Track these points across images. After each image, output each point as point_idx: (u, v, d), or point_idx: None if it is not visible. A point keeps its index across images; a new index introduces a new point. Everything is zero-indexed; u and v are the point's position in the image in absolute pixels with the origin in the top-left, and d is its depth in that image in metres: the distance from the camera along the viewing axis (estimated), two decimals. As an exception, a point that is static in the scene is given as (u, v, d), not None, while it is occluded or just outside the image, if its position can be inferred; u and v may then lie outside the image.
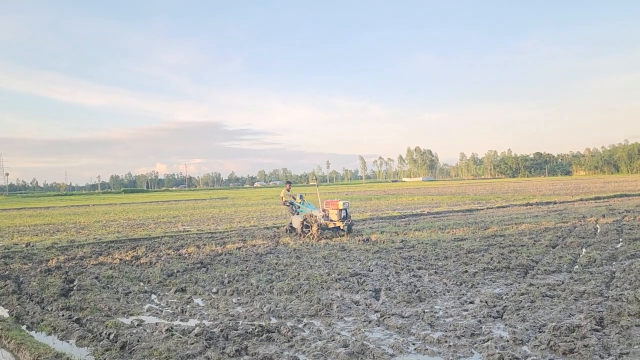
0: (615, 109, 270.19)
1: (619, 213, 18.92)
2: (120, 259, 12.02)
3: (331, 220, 14.78)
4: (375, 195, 49.52)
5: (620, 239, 12.27)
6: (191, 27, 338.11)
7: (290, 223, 16.23)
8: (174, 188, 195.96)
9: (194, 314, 7.02)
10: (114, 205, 48.28)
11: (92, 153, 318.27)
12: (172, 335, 5.88)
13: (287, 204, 16.73)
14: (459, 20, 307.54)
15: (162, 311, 7.28)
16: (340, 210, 14.75)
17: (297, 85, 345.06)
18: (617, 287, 7.47)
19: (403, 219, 20.72)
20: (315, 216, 14.83)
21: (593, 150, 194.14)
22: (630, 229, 14.00)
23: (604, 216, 17.98)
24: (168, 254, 12.57)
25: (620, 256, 9.92)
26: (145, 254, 12.73)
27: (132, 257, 12.18)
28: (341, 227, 14.78)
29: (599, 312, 6.12)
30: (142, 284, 9.41)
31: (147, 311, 7.37)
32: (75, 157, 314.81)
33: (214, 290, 8.53)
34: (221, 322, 6.33)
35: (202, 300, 7.95)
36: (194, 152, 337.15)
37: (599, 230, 14.12)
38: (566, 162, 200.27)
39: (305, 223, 15.04)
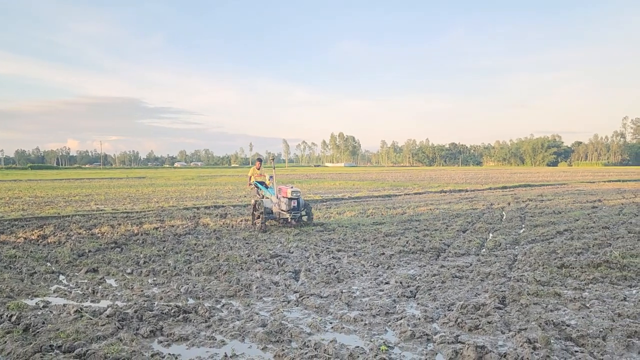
0: (524, 106, 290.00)
1: (523, 201, 20.32)
2: (25, 238, 11.26)
3: (282, 210, 12.79)
4: (298, 179, 49.76)
5: (523, 225, 13.19)
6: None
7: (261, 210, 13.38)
8: (87, 165, 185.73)
9: (106, 295, 6.73)
10: (19, 182, 44.87)
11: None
12: (82, 316, 5.61)
13: (255, 185, 14.30)
14: (386, 8, 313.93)
15: (71, 292, 6.92)
16: (290, 199, 12.59)
17: (222, 65, 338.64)
18: (518, 269, 8.05)
19: (324, 203, 21.00)
20: (262, 202, 13.02)
21: (502, 143, 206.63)
22: (531, 216, 15.09)
23: (509, 204, 19.24)
24: (79, 234, 11.94)
25: (522, 241, 10.67)
26: (54, 233, 12.01)
27: (38, 236, 11.46)
28: (289, 219, 12.77)
29: (502, 291, 6.57)
30: (49, 264, 8.89)
31: (54, 292, 6.96)
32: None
33: (129, 270, 8.22)
34: (135, 303, 6.12)
35: (116, 281, 7.64)
36: (110, 129, 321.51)
37: (504, 217, 15.11)
38: (478, 153, 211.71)
39: (255, 210, 13.16)
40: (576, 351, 4.55)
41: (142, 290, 6.91)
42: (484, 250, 9.85)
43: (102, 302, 6.45)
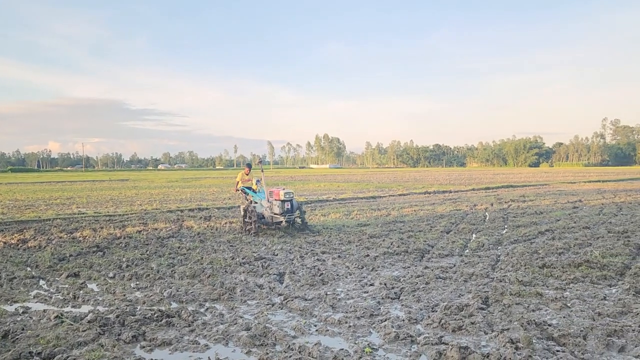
0: (506, 107, 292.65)
1: (505, 202, 20.54)
2: (5, 243, 11.07)
3: (274, 214, 12.20)
4: (282, 181, 49.65)
5: (506, 226, 13.33)
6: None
7: (246, 215, 12.68)
8: (69, 168, 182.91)
9: (88, 300, 6.64)
10: (-2, 185, 44.14)
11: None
12: (62, 322, 5.53)
13: (242, 190, 13.79)
14: (371, 9, 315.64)
15: (51, 297, 6.81)
16: (283, 201, 12.01)
17: (206, 66, 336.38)
18: (501, 269, 8.13)
19: (309, 205, 20.97)
20: (255, 207, 12.50)
21: (485, 144, 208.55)
22: (514, 216, 15.25)
23: (492, 205, 19.42)
24: (60, 237, 11.77)
25: (505, 241, 10.78)
26: (34, 237, 11.82)
27: (18, 240, 11.27)
28: (283, 223, 12.08)
29: (485, 292, 6.63)
30: (29, 268, 8.73)
31: (34, 298, 6.84)
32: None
33: (111, 275, 8.12)
34: (117, 308, 6.05)
35: (97, 285, 7.54)
36: (93, 131, 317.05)
37: (487, 218, 15.24)
38: (461, 154, 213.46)
39: (246, 215, 12.59)
40: (558, 350, 4.61)
41: (124, 295, 6.83)
42: (467, 251, 9.93)
43: (83, 307, 6.35)
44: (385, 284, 7.13)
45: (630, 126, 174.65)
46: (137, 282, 7.67)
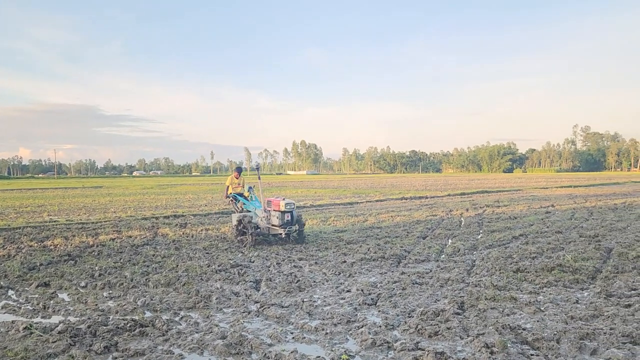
0: (480, 113, 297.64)
1: (480, 207, 20.81)
2: (-29, 252, 10.72)
3: (272, 225, 11.42)
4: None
5: (481, 231, 13.49)
6: (64, 1, 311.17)
7: (236, 224, 11.78)
8: (40, 175, 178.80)
9: (58, 310, 6.47)
10: (-35, 192, 42.88)
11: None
12: (32, 333, 5.37)
13: (233, 197, 13.18)
14: (349, 17, 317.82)
15: (20, 308, 6.61)
16: (283, 212, 11.21)
17: (182, 72, 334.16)
18: (476, 274, 8.21)
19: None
20: (250, 217, 11.77)
21: (460, 150, 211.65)
22: (489, 222, 15.46)
23: (467, 210, 19.65)
24: (30, 246, 11.46)
25: (480, 246, 10.91)
26: (3, 246, 11.50)
27: (-15, 250, 10.93)
28: (282, 235, 11.31)
29: (460, 297, 6.68)
30: (-3, 279, 8.48)
31: (2, 308, 6.64)
32: None
33: (83, 284, 7.93)
34: (89, 318, 5.91)
35: (68, 295, 7.36)
36: (65, 137, 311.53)
37: (463, 223, 15.41)
38: (437, 160, 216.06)
39: (240, 226, 11.60)
40: (532, 354, 4.66)
41: (96, 305, 6.68)
42: (443, 256, 10.01)
43: (53, 318, 6.19)
44: (362, 290, 7.13)
45: (600, 133, 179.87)
46: (110, 291, 7.51)
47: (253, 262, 9.56)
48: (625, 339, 4.98)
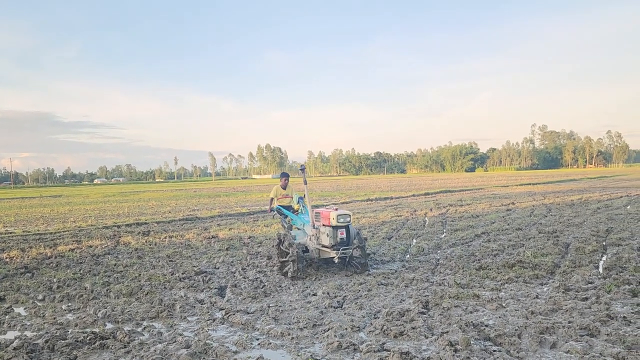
0: (440, 115, 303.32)
1: (444, 207, 21.16)
2: None
3: (322, 246, 8.51)
4: (225, 192, 48.95)
5: (444, 230, 13.71)
6: (14, 3, 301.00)
7: (296, 251, 8.39)
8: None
9: (14, 325, 6.22)
10: None
11: None
12: (-16, 351, 5.14)
13: (277, 211, 10.15)
14: (309, 19, 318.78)
15: (-28, 325, 6.33)
16: (336, 228, 8.23)
17: (142, 76, 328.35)
18: (440, 272, 8.33)
19: (252, 216, 20.77)
20: (295, 235, 9.29)
21: (424, 151, 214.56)
22: (452, 221, 15.73)
23: (431, 210, 19.95)
24: (-17, 260, 10.99)
25: (444, 245, 11.08)
26: (-46, 261, 10.98)
27: None
28: (335, 258, 8.31)
29: (425, 296, 6.76)
30: (-53, 295, 8.09)
31: (-48, 326, 6.34)
32: None
33: (40, 297, 7.65)
34: (47, 332, 5.70)
35: (25, 309, 7.08)
36: (21, 145, 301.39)
37: (427, 223, 15.63)
38: (402, 161, 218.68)
39: (282, 247, 8.83)
40: (494, 350, 4.75)
41: (54, 318, 6.45)
42: (408, 256, 10.11)
43: (9, 334, 5.94)
44: (328, 293, 7.13)
45: (557, 131, 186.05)
46: (69, 304, 7.27)
47: (218, 268, 9.44)
48: (583, 331, 5.13)
